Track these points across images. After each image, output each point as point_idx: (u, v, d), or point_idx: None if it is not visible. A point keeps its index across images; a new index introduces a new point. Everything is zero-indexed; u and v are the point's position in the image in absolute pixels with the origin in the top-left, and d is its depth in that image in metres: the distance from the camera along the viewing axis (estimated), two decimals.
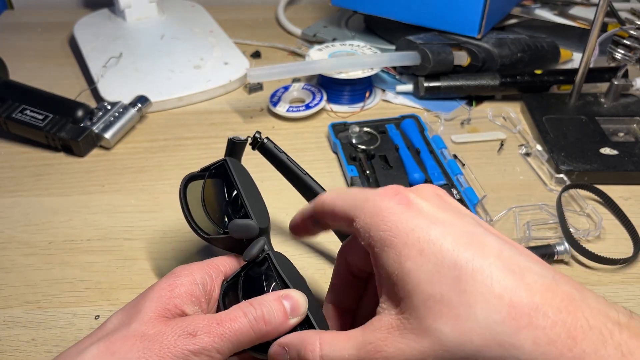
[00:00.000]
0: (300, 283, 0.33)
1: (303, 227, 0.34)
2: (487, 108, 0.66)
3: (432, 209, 0.27)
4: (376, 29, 0.82)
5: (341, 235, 0.43)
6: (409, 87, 0.69)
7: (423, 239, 0.25)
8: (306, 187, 0.44)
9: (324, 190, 0.45)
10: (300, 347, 0.28)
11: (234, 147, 0.41)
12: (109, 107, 0.61)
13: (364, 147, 0.57)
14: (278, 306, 0.30)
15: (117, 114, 0.61)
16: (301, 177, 0.43)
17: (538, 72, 0.67)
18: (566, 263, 0.47)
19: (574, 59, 0.75)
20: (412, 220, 0.26)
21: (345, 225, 0.29)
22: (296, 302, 0.30)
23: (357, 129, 0.59)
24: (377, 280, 0.28)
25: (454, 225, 0.26)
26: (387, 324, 0.26)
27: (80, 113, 0.60)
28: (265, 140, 0.43)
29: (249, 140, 0.42)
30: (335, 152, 0.59)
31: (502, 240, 0.26)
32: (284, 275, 0.32)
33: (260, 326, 0.29)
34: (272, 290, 0.32)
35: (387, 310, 0.26)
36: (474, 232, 0.26)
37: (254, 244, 0.34)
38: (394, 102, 0.68)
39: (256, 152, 0.43)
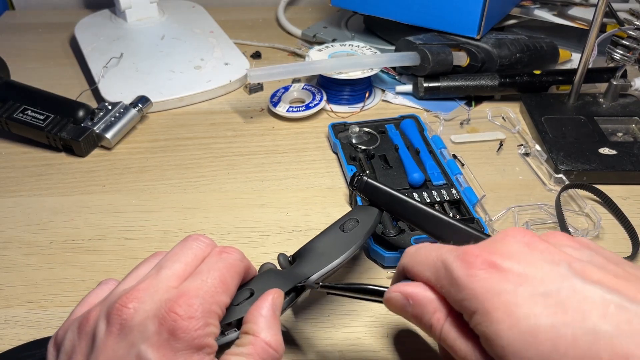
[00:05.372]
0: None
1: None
2: (486, 108, 0.66)
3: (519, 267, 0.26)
4: (376, 29, 0.83)
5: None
6: (408, 87, 0.69)
7: (513, 305, 0.25)
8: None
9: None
10: (427, 309, 0.29)
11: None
12: (109, 107, 0.61)
13: (363, 147, 0.58)
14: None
15: (118, 114, 0.61)
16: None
17: (537, 72, 0.67)
18: None
19: (572, 59, 0.75)
20: (497, 285, 0.26)
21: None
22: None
23: (357, 129, 0.60)
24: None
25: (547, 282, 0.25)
26: None
27: (81, 113, 0.60)
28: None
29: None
30: (335, 152, 0.59)
31: (607, 289, 0.24)
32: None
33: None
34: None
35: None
36: (573, 288, 0.25)
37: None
38: (394, 102, 0.69)
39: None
